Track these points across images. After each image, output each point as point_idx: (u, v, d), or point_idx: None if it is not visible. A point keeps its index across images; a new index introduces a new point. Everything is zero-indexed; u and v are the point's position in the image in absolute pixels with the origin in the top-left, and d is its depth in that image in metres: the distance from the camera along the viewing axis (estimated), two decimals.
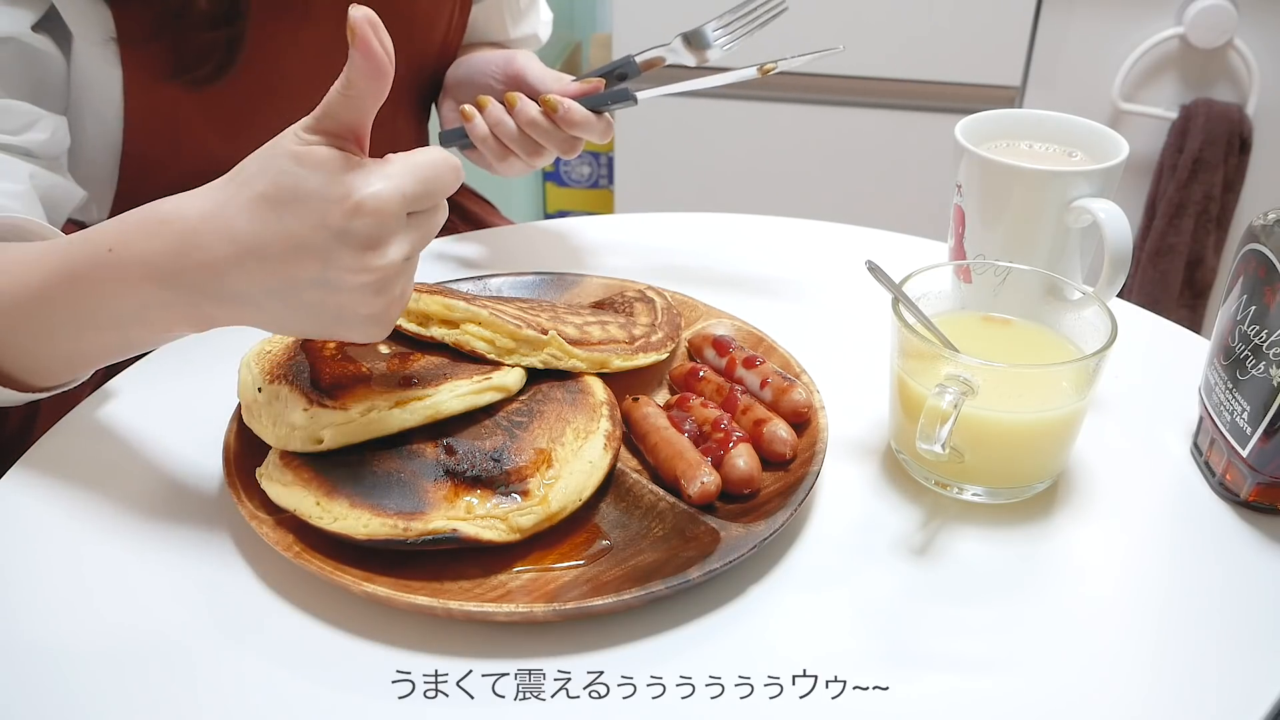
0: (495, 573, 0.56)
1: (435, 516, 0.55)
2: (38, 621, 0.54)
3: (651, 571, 0.55)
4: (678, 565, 0.55)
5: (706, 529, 0.58)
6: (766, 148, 1.81)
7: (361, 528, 0.54)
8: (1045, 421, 0.61)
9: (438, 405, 0.59)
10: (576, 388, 0.64)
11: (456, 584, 0.55)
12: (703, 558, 0.55)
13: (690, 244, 0.88)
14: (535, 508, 0.56)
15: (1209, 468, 0.65)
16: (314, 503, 0.56)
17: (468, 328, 0.63)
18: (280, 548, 0.55)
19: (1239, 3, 1.61)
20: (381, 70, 0.50)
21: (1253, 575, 0.59)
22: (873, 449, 0.67)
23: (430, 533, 0.54)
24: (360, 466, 0.57)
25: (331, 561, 0.55)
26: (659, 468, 0.62)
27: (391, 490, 0.56)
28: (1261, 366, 0.59)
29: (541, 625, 0.54)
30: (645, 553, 0.57)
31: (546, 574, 0.56)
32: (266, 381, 0.61)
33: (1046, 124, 0.77)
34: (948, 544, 0.60)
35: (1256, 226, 0.60)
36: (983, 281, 0.68)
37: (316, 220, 0.50)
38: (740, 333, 0.74)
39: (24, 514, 0.61)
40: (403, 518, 0.55)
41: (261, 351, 0.64)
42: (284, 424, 0.58)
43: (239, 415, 0.63)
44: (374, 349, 0.64)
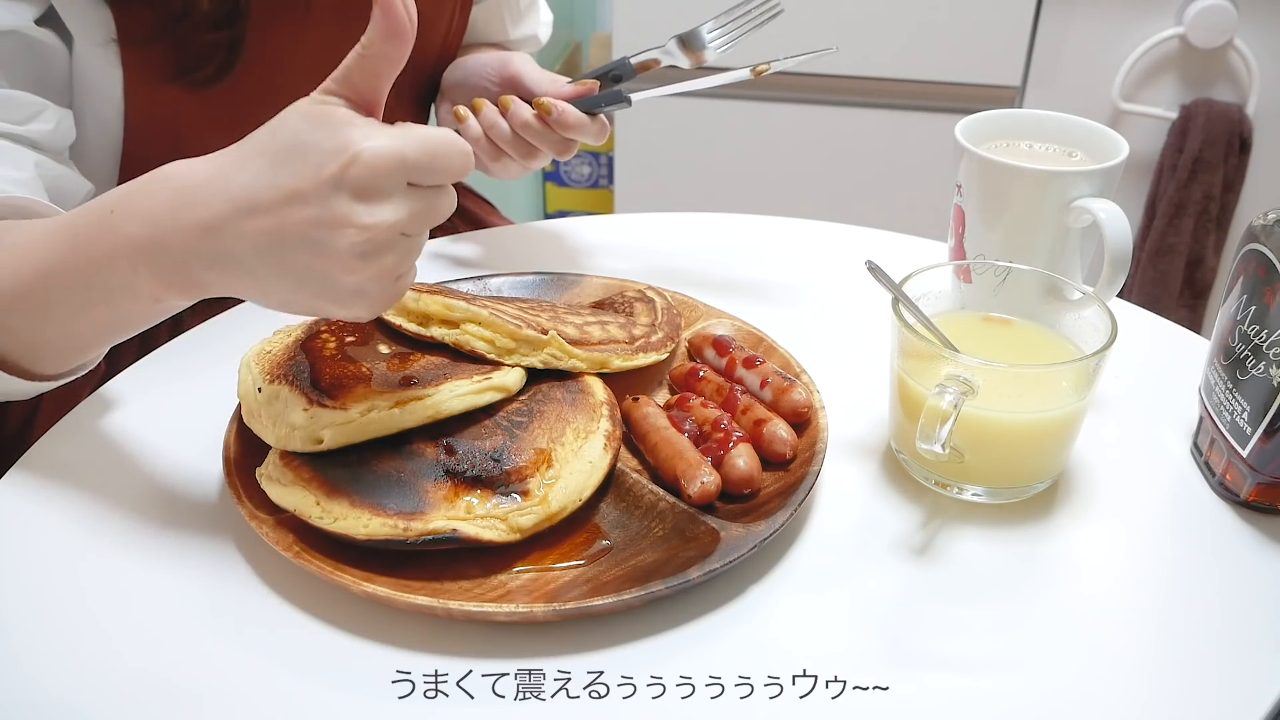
0: (495, 573, 0.56)
1: (435, 516, 0.55)
2: (35, 624, 0.54)
3: (651, 571, 0.55)
4: (678, 565, 0.55)
5: (706, 529, 0.58)
6: (767, 148, 1.81)
7: (361, 528, 0.54)
8: (1045, 421, 0.61)
9: (438, 405, 0.59)
10: (576, 388, 0.64)
11: (456, 584, 0.55)
12: (703, 558, 0.55)
13: (690, 244, 0.88)
14: (535, 508, 0.56)
15: (1209, 468, 0.65)
16: (314, 503, 0.56)
17: (468, 328, 0.63)
18: (280, 548, 0.55)
19: (1239, 3, 1.61)
20: (401, 31, 0.50)
21: (1253, 575, 0.59)
22: (873, 449, 0.67)
23: (430, 533, 0.54)
24: (360, 466, 0.57)
25: (331, 561, 0.55)
26: (659, 468, 0.62)
27: (392, 490, 0.56)
28: (1261, 366, 0.59)
29: (542, 625, 0.54)
30: (645, 553, 0.57)
31: (546, 574, 0.56)
32: (266, 381, 0.61)
33: (1046, 124, 0.77)
34: (947, 544, 0.60)
35: (1256, 226, 0.60)
36: (983, 281, 0.68)
37: (313, 172, 0.49)
38: (740, 333, 0.74)
39: (22, 515, 0.61)
40: (403, 518, 0.55)
41: (261, 352, 0.64)
42: (284, 424, 0.58)
43: (239, 416, 0.63)
44: (374, 349, 0.64)
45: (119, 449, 0.66)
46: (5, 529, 0.60)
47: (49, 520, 0.61)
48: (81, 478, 0.63)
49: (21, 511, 0.61)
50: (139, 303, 0.56)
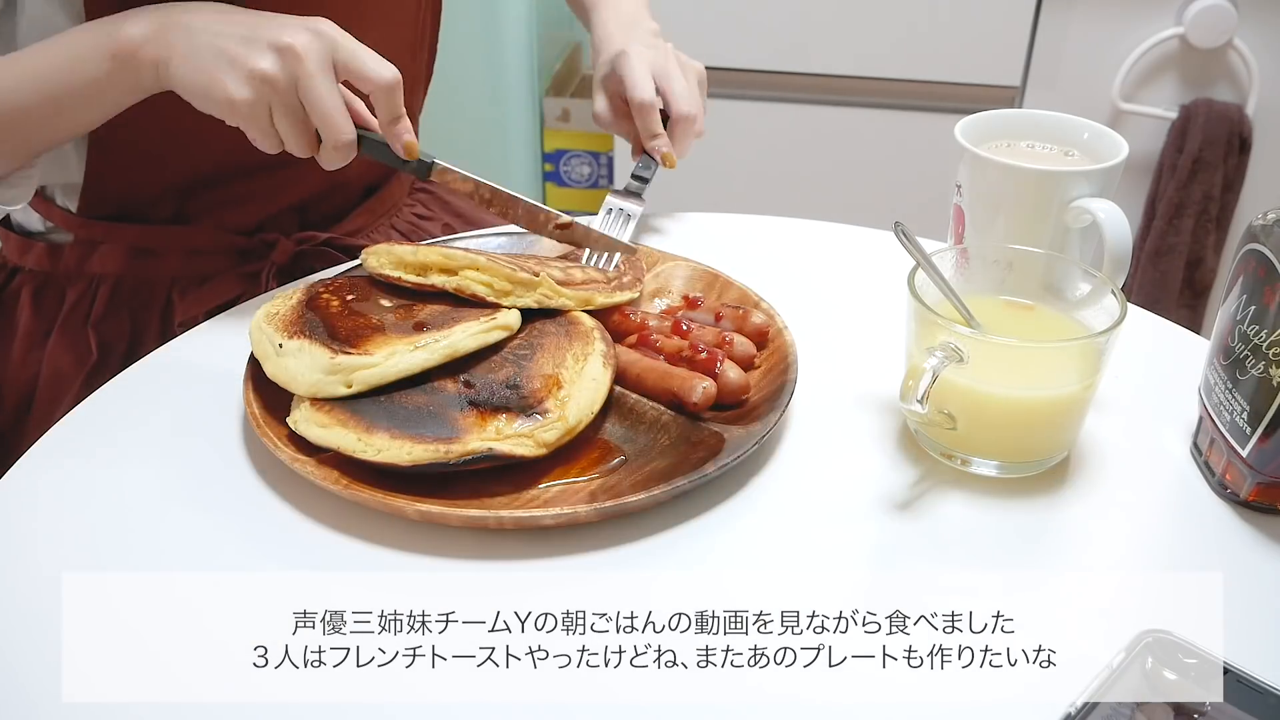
0: (526, 488, 0.62)
1: (470, 439, 0.60)
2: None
3: (668, 473, 0.62)
4: (692, 465, 0.62)
5: (710, 433, 0.65)
6: (767, 148, 1.81)
7: (405, 455, 0.60)
8: (1039, 400, 0.62)
9: (454, 345, 0.65)
10: (566, 320, 0.70)
11: (495, 499, 0.60)
12: (713, 456, 0.62)
13: (690, 244, 0.88)
14: (556, 423, 0.62)
15: (1209, 468, 0.65)
16: (355, 439, 0.60)
17: (466, 273, 0.68)
18: (329, 483, 0.59)
19: (1239, 3, 1.61)
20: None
21: (1253, 575, 0.59)
22: (885, 433, 0.67)
23: (469, 453, 0.60)
24: (391, 405, 0.62)
25: (380, 490, 0.59)
26: (651, 392, 0.68)
27: (426, 421, 0.61)
28: (1261, 366, 0.59)
29: (582, 526, 0.60)
30: (657, 460, 0.64)
31: (572, 486, 0.62)
32: (286, 338, 0.65)
33: (1046, 124, 0.77)
34: (951, 526, 0.60)
35: (1256, 226, 0.61)
36: (993, 270, 0.68)
37: (287, 20, 0.67)
38: (696, 272, 0.81)
39: (20, 517, 0.61)
40: (441, 442, 0.60)
41: (269, 314, 0.68)
42: (313, 373, 0.63)
43: (253, 379, 0.67)
44: (376, 303, 0.69)
45: (118, 450, 0.66)
46: (4, 531, 0.60)
47: (46, 526, 0.61)
48: (78, 481, 0.64)
49: (18, 513, 0.61)
50: (94, 63, 0.68)
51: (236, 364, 0.69)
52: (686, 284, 0.80)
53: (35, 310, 0.87)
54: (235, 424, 0.68)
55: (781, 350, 0.71)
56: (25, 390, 0.87)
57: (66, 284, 0.87)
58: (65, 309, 0.86)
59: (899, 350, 0.67)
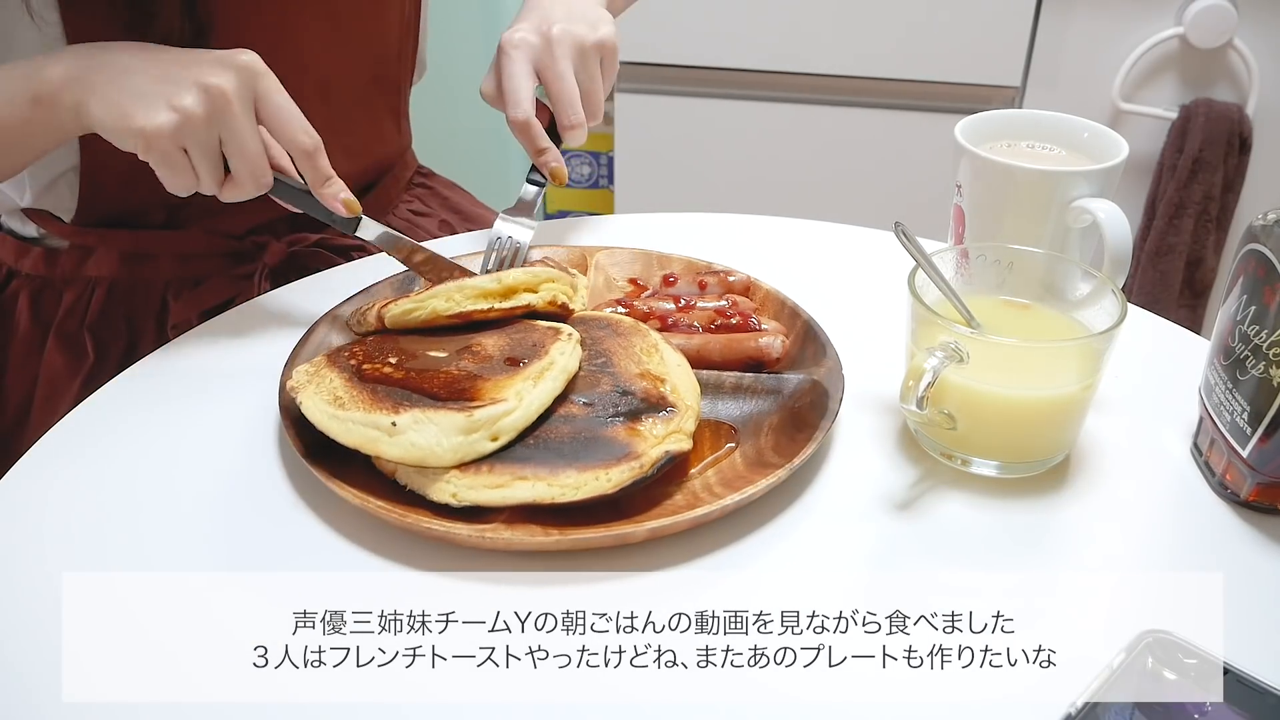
0: (687, 481, 0.62)
1: (645, 448, 0.59)
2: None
3: (795, 426, 0.65)
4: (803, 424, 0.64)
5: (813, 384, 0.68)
6: (766, 148, 1.81)
7: (606, 483, 0.57)
8: (1039, 400, 0.62)
9: (565, 367, 0.63)
10: (604, 323, 0.70)
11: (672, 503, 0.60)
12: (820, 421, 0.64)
13: (690, 244, 0.87)
14: (687, 412, 0.62)
15: (1209, 468, 0.65)
16: (545, 486, 0.57)
17: (547, 285, 0.70)
18: (434, 523, 0.57)
19: (1239, 3, 1.61)
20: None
21: (1253, 575, 0.59)
22: (886, 433, 0.67)
23: (656, 460, 0.58)
24: (541, 444, 0.59)
25: (592, 526, 0.58)
26: (722, 363, 0.70)
27: (593, 448, 0.59)
28: (1261, 366, 0.59)
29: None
30: (770, 415, 0.67)
31: (720, 465, 0.63)
32: (391, 423, 0.58)
33: (1046, 124, 0.77)
34: (951, 526, 0.60)
35: (1256, 226, 0.61)
36: (993, 270, 0.68)
37: (210, 58, 0.66)
38: (631, 255, 0.82)
39: (20, 517, 0.61)
40: (625, 460, 0.58)
41: (334, 398, 0.61)
42: (450, 437, 0.57)
43: (292, 424, 0.62)
44: (428, 355, 0.64)
45: (131, 437, 0.67)
46: (4, 532, 0.60)
47: (47, 530, 0.61)
48: (74, 488, 0.64)
49: (19, 515, 0.61)
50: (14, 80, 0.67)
51: (231, 365, 0.69)
52: (627, 270, 0.82)
53: (33, 314, 0.88)
54: (233, 424, 0.68)
55: (775, 299, 0.76)
56: (24, 393, 0.87)
57: (63, 288, 0.88)
58: (62, 312, 0.87)
59: (899, 350, 0.67)
